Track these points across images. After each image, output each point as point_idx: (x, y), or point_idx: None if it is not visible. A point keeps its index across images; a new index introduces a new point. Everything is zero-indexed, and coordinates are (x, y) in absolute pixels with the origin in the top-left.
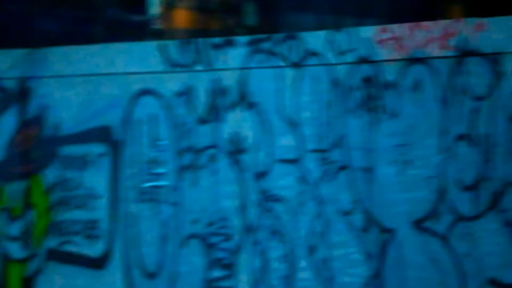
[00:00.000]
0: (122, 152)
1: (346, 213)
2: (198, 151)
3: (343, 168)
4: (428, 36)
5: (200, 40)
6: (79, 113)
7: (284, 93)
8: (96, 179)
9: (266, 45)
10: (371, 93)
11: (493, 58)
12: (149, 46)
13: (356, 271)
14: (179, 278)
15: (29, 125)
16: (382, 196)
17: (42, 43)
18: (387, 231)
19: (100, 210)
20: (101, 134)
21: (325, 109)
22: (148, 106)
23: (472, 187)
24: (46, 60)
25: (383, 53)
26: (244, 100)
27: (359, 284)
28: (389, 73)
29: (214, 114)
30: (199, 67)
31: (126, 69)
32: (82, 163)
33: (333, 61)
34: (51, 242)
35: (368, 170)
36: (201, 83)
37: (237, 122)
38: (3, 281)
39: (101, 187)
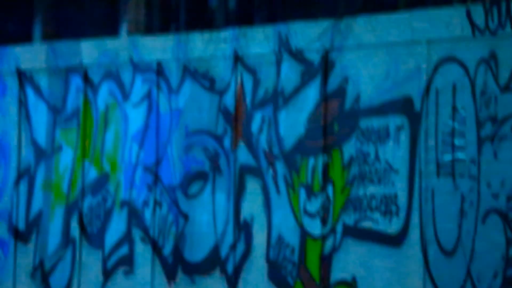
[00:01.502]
0: (422, 124)
1: None
2: (501, 120)
3: None
4: None
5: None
6: (379, 84)
7: None
8: (395, 153)
9: None
10: None
11: None
12: (454, 11)
13: None
14: (477, 256)
15: (331, 98)
16: None
17: (346, 12)
18: None
19: (398, 185)
20: (401, 106)
21: None
22: (449, 75)
23: None
24: (350, 30)
25: None
26: None
27: None
28: None
29: None
30: (505, 31)
31: (428, 36)
32: (381, 136)
33: None
34: (348, 218)
35: None
36: (506, 48)
37: None
38: (303, 258)
39: (400, 160)
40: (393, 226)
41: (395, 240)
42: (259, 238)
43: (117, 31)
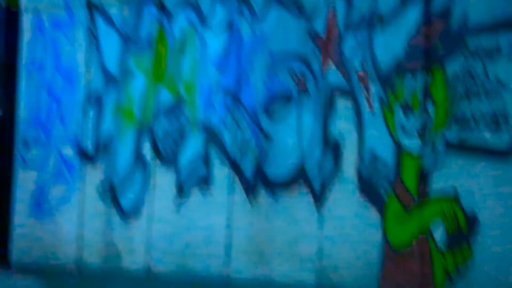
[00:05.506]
0: None
1: None
2: None
3: None
4: None
5: None
6: (489, 1)
7: None
8: (506, 68)
9: None
10: None
11: None
12: None
13: None
14: None
15: (435, 18)
16: None
17: None
18: None
19: (508, 100)
20: None
21: None
22: None
23: None
24: None
25: None
26: None
27: None
28: None
29: None
30: None
31: None
32: (490, 52)
33: None
34: (450, 134)
35: None
36: None
37: None
38: (399, 174)
39: (510, 76)
40: (501, 141)
41: (503, 155)
42: (350, 155)
43: None
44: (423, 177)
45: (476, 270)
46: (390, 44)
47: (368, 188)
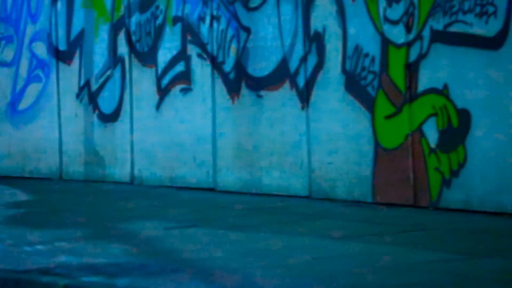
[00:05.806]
0: None
1: None
2: None
3: None
4: None
5: None
6: None
7: None
8: None
9: None
10: None
11: None
12: None
13: None
14: None
15: None
16: None
17: None
18: None
19: None
20: None
21: None
22: None
23: None
24: None
25: None
26: None
27: None
28: None
29: None
30: None
31: None
32: None
33: None
34: (437, 23)
35: None
36: None
37: None
38: (385, 67)
39: None
40: (489, 28)
41: (491, 42)
42: (333, 49)
43: None
44: (410, 70)
45: (468, 165)
46: None
47: (354, 84)
